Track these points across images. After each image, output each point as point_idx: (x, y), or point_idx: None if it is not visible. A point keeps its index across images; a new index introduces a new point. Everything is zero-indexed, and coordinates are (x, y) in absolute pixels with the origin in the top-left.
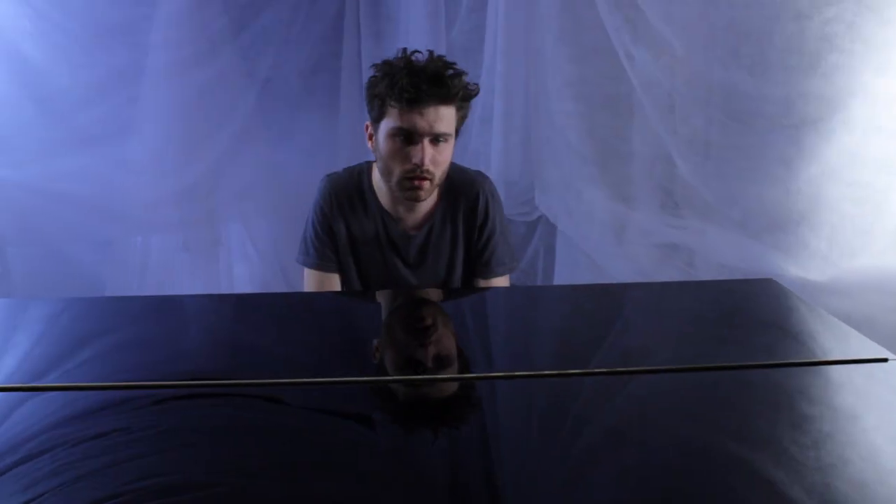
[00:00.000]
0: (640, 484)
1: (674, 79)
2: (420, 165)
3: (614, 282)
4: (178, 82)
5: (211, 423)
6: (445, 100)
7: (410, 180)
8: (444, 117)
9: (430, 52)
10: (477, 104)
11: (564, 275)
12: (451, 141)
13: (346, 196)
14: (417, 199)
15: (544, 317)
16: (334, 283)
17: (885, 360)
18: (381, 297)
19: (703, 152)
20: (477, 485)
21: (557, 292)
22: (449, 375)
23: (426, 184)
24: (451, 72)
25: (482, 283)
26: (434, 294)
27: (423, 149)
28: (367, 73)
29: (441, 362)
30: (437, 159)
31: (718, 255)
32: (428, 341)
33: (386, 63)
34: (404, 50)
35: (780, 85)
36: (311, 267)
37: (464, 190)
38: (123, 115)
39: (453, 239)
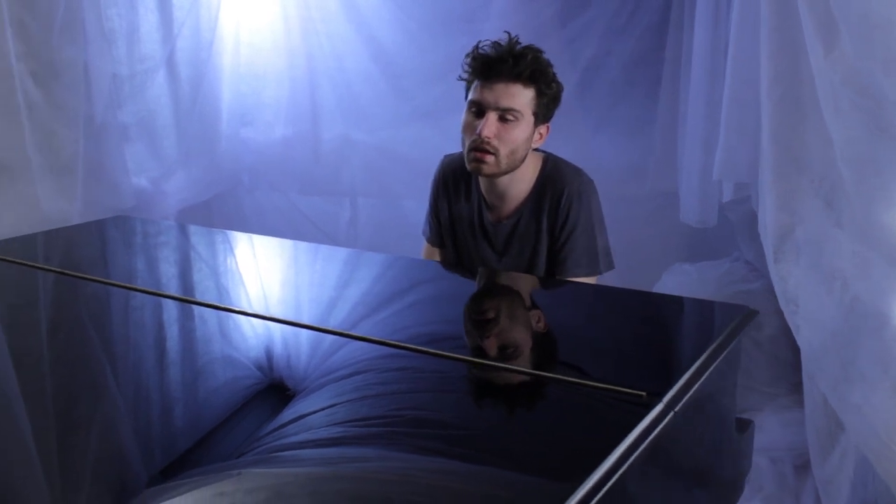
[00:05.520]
0: None
1: (834, 77)
2: (480, 136)
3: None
4: None
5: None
6: (513, 76)
7: (474, 151)
8: (513, 94)
9: (510, 36)
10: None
11: None
12: (523, 122)
13: (453, 178)
14: (479, 172)
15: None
16: (439, 256)
17: (641, 395)
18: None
19: (859, 166)
20: None
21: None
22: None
23: (489, 157)
24: (520, 50)
25: None
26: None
27: (486, 121)
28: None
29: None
30: (502, 135)
31: (860, 289)
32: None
33: (475, 47)
34: (508, 34)
35: None
36: (425, 238)
37: (552, 186)
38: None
39: (537, 233)
